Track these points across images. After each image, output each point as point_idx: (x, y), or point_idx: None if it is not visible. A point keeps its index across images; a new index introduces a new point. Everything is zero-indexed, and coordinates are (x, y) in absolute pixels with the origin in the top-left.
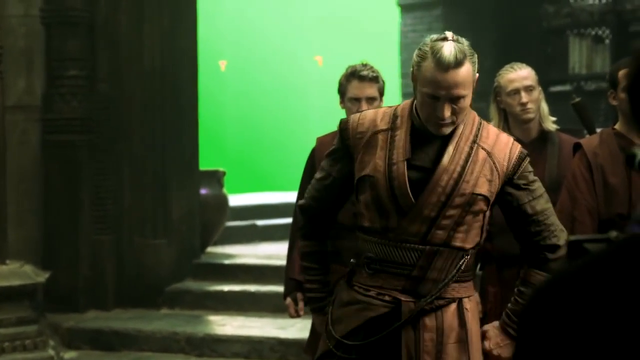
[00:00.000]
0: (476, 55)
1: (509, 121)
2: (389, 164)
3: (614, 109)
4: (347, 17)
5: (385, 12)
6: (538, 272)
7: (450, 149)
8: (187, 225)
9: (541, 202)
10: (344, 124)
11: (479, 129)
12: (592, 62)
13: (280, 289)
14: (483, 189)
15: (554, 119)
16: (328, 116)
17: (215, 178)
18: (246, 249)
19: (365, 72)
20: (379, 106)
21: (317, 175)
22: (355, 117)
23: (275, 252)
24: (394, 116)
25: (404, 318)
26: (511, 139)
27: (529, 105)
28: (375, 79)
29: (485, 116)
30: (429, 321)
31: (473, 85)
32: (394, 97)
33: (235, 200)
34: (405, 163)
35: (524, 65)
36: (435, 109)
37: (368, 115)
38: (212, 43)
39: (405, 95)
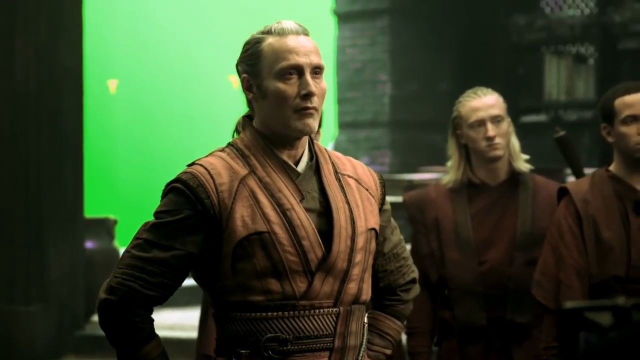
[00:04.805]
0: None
1: (472, 160)
2: (282, 212)
3: (602, 145)
4: None
5: (318, 22)
6: (390, 319)
7: (324, 181)
8: (68, 287)
9: (396, 232)
10: (190, 182)
11: (329, 156)
12: (573, 86)
13: None
14: (372, 221)
15: (526, 157)
16: None
17: (105, 228)
18: None
19: None
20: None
21: (144, 253)
22: (198, 169)
23: (179, 322)
24: (243, 157)
25: None
26: (360, 162)
27: (497, 140)
28: None
29: (441, 153)
30: None
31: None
32: (328, 127)
33: None
34: (302, 207)
35: (490, 90)
36: (301, 86)
37: (214, 163)
38: (99, 58)
39: (342, 126)
